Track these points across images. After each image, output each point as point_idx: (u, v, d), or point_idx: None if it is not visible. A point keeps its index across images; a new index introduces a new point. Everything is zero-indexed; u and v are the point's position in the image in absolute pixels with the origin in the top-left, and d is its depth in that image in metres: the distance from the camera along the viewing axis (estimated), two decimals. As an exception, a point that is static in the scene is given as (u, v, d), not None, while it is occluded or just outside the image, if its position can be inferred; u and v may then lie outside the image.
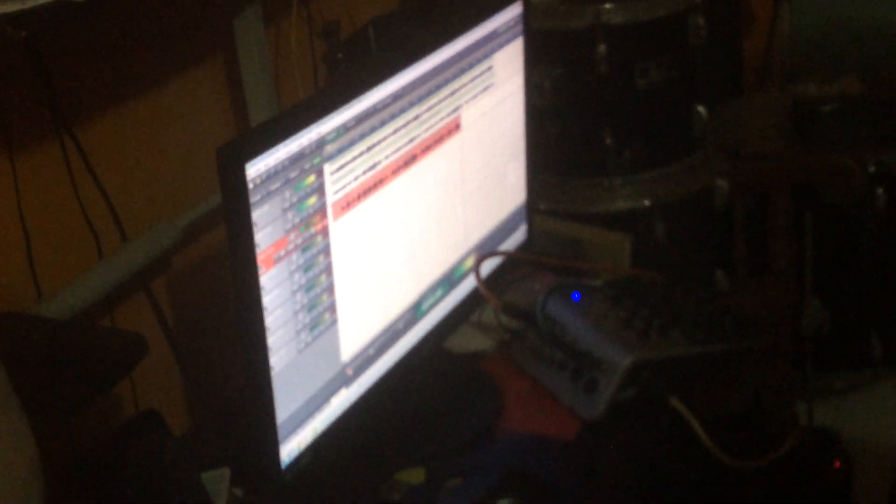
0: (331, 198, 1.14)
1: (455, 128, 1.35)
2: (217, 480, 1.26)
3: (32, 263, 1.33)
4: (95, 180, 1.37)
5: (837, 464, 2.06)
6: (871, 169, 2.15)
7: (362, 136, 1.17)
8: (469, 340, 1.51)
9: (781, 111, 2.41)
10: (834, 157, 2.15)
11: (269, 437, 1.12)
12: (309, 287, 1.13)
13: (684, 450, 1.31)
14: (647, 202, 1.92)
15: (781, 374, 2.12)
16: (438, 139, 1.31)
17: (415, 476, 1.29)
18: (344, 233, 1.17)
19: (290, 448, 1.16)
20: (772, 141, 2.27)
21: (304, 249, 1.11)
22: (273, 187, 1.05)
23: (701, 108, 2.01)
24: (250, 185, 1.02)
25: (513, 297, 1.47)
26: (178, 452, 1.23)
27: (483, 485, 1.24)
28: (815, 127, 2.40)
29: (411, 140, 1.26)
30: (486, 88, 1.40)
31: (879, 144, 2.25)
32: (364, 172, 1.18)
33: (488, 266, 1.46)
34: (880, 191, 2.18)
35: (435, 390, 1.40)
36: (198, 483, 1.24)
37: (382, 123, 1.20)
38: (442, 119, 1.32)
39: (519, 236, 1.54)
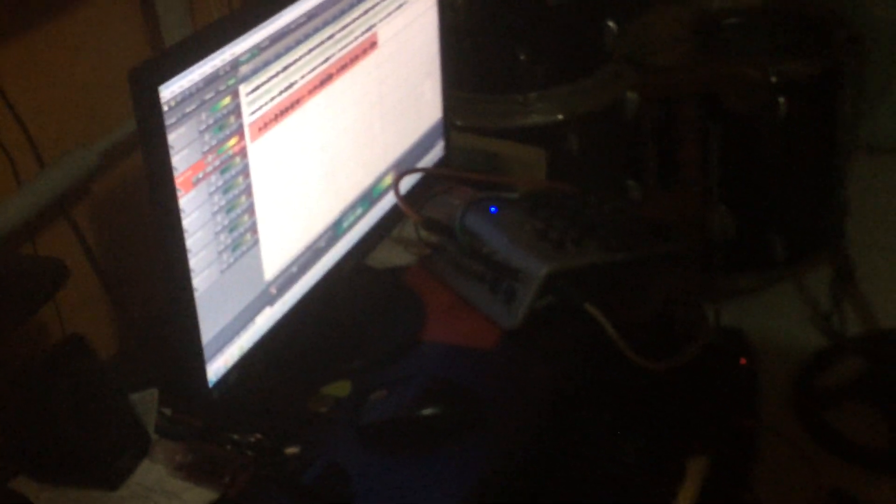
0: (247, 119, 1.11)
1: (371, 46, 1.32)
2: (146, 401, 1.25)
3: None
4: (8, 105, 1.32)
5: (743, 361, 2.11)
6: (773, 79, 2.16)
7: (277, 57, 1.13)
8: (391, 256, 1.50)
9: (687, 24, 2.41)
10: (737, 67, 2.16)
11: (194, 358, 1.10)
12: (229, 208, 1.10)
13: (600, 354, 1.32)
14: (560, 116, 1.92)
15: (690, 277, 2.15)
16: (354, 58, 1.28)
17: (341, 389, 1.29)
18: (262, 153, 1.14)
19: (217, 367, 1.14)
20: (678, 54, 2.26)
21: (223, 171, 1.08)
22: (188, 109, 1.01)
23: (611, 23, 2.00)
24: (165, 108, 0.98)
25: (432, 213, 1.45)
26: (105, 375, 1.21)
27: (407, 395, 1.23)
28: (718, 39, 2.41)
29: (327, 59, 1.22)
30: (400, 6, 1.36)
31: (780, 55, 2.27)
32: (280, 93, 1.15)
33: (407, 183, 1.44)
34: (781, 100, 2.20)
35: (358, 305, 1.40)
36: (126, 404, 1.23)
37: (297, 43, 1.16)
38: (357, 38, 1.28)
39: (437, 153, 1.52)
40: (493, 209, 1.43)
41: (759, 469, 2.15)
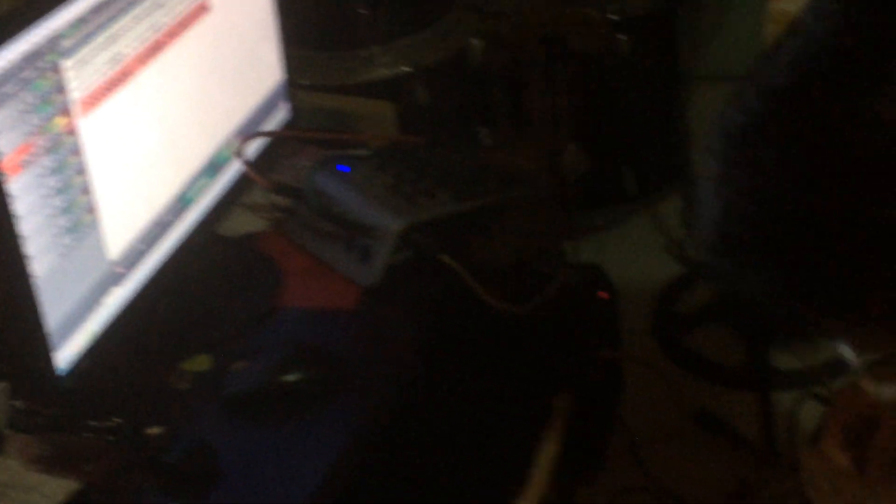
0: (74, 95, 1.05)
1: (202, 10, 1.26)
2: None
3: None
4: None
5: (604, 295, 2.14)
6: (614, 17, 2.18)
7: (101, 28, 1.07)
8: (242, 223, 1.46)
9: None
10: (577, 8, 2.17)
11: (40, 346, 1.05)
12: (63, 189, 1.05)
13: (460, 303, 1.32)
14: (406, 68, 1.89)
15: (547, 218, 2.16)
16: (185, 24, 1.23)
17: (200, 363, 1.25)
18: (95, 130, 1.08)
19: (66, 353, 1.09)
20: (519, -2, 2.26)
21: (52, 151, 1.02)
22: (7, 91, 0.95)
23: (450, -29, 1.98)
24: (-19, 90, 0.93)
25: (281, 176, 1.42)
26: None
27: (268, 363, 1.21)
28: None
29: (155, 27, 1.17)
30: (230, -33, 1.32)
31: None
32: (108, 66, 1.09)
33: (253, 148, 1.40)
34: (623, 38, 2.22)
35: (212, 276, 1.36)
36: None
37: (121, 12, 1.10)
38: (186, 3, 1.23)
39: (282, 115, 1.48)
40: (343, 168, 1.40)
41: (626, 397, 2.20)
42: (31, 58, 0.98)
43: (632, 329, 2.34)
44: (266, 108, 1.44)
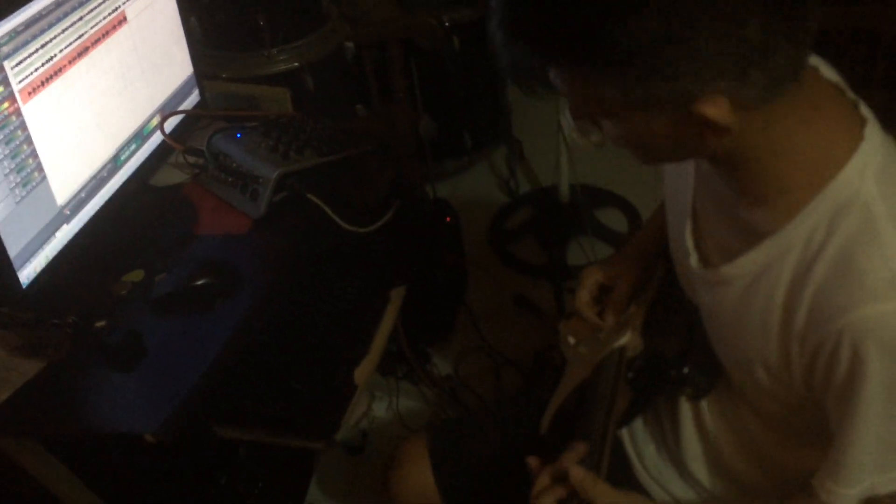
0: (16, 86, 1.01)
1: (120, 22, 1.21)
2: None
3: None
4: None
5: (448, 219, 2.15)
6: (447, 23, 2.15)
7: (34, 37, 1.03)
8: (170, 177, 1.42)
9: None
10: (422, 17, 2.14)
11: (5, 269, 1.03)
12: (13, 155, 1.01)
13: (323, 228, 1.30)
14: (296, 64, 1.85)
15: (411, 166, 2.15)
16: (106, 33, 1.18)
17: (136, 276, 1.22)
18: (36, 111, 1.05)
19: (28, 272, 1.06)
20: (383, 9, 2.22)
21: (1, 127, 0.99)
22: (-43, 84, 0.92)
23: (326, -7, 1.93)
24: (-65, 84, 0.89)
25: (195, 142, 1.39)
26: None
27: (184, 273, 1.19)
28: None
29: (80, 36, 1.12)
30: (143, -9, 1.27)
31: (453, 5, 2.26)
32: (42, 65, 1.05)
33: (173, 122, 1.36)
34: (455, 39, 2.20)
35: (146, 214, 1.32)
36: None
37: (50, 26, 1.05)
38: (106, 17, 1.17)
39: (194, 98, 1.44)
40: (238, 135, 1.37)
41: (469, 287, 2.23)
42: (-24, 59, 0.94)
43: (473, 241, 2.38)
44: (181, 94, 1.39)
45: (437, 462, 1.18)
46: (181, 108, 1.39)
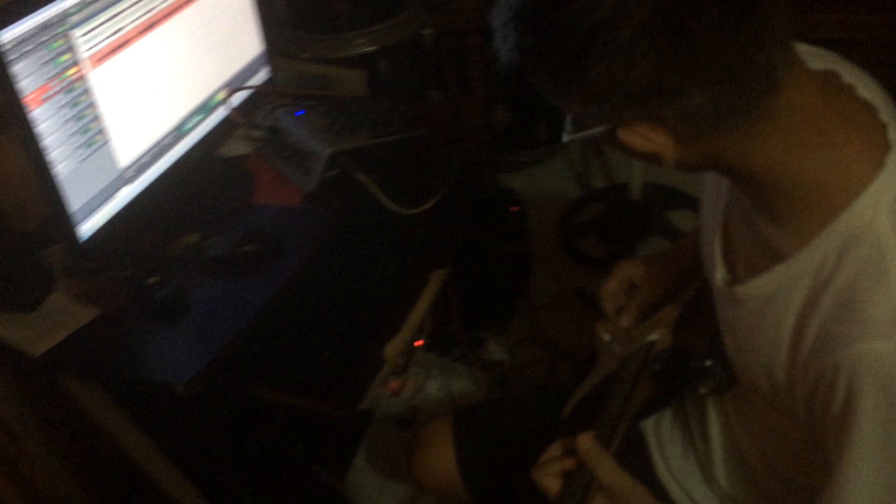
0: (83, 54, 1.07)
1: None
2: (54, 255, 1.23)
3: None
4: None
5: (514, 209, 2.14)
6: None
7: (104, 9, 1.08)
8: (236, 148, 1.47)
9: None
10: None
11: (65, 222, 1.09)
12: (78, 117, 1.08)
13: (369, 206, 1.32)
14: (374, 47, 1.88)
15: (480, 155, 2.15)
16: (177, 8, 1.23)
17: (191, 238, 1.27)
18: (102, 78, 1.10)
19: (88, 227, 1.12)
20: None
21: (68, 91, 1.05)
22: (27, 49, 0.98)
23: (409, -20, 1.95)
24: (7, 47, 0.95)
25: (260, 117, 1.43)
26: (17, 240, 1.20)
27: (233, 239, 1.24)
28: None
29: (150, 10, 1.17)
30: (218, -29, 1.31)
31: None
32: (110, 35, 1.11)
33: (240, 97, 1.41)
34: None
35: (207, 182, 1.37)
36: (33, 258, 1.21)
37: None
38: None
39: (263, 75, 1.49)
40: (299, 112, 1.41)
41: (532, 277, 2.22)
42: (46, 27, 1.00)
43: (542, 233, 2.36)
44: (249, 71, 1.44)
45: (460, 445, 1.19)
46: (249, 84, 1.43)
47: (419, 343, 2.07)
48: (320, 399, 1.11)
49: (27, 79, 0.99)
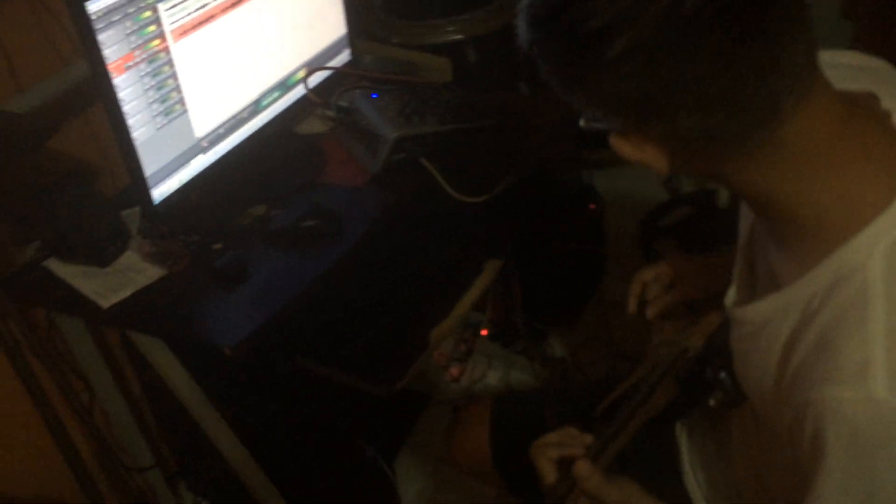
0: (168, 27, 1.13)
1: None
2: (132, 216, 1.31)
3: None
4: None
5: (592, 206, 2.12)
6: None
7: (191, -15, 1.14)
8: (313, 126, 1.51)
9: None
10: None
11: (140, 184, 1.16)
12: (158, 87, 1.14)
13: (432, 192, 1.34)
14: (462, 36, 1.88)
15: (564, 149, 2.12)
16: (263, -12, 1.28)
17: (259, 210, 1.32)
18: (185, 51, 1.16)
19: (161, 190, 1.19)
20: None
21: (150, 62, 1.11)
22: (114, 19, 1.04)
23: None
24: (93, 17, 1.01)
25: (338, 98, 1.46)
26: (100, 197, 1.27)
27: (297, 213, 1.27)
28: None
29: (236, -12, 1.22)
30: (307, -47, 1.35)
31: None
32: (195, 10, 1.16)
33: (318, 77, 1.44)
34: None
35: (279, 156, 1.41)
36: (115, 215, 1.28)
37: None
38: None
39: (344, 57, 1.52)
40: (374, 95, 1.43)
41: (606, 277, 2.18)
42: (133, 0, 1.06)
43: (622, 233, 2.31)
44: (331, 52, 1.47)
45: (495, 429, 1.21)
46: (328, 65, 1.47)
47: (484, 332, 2.08)
48: (360, 376, 1.14)
49: (112, 47, 1.05)
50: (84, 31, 1.01)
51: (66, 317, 1.32)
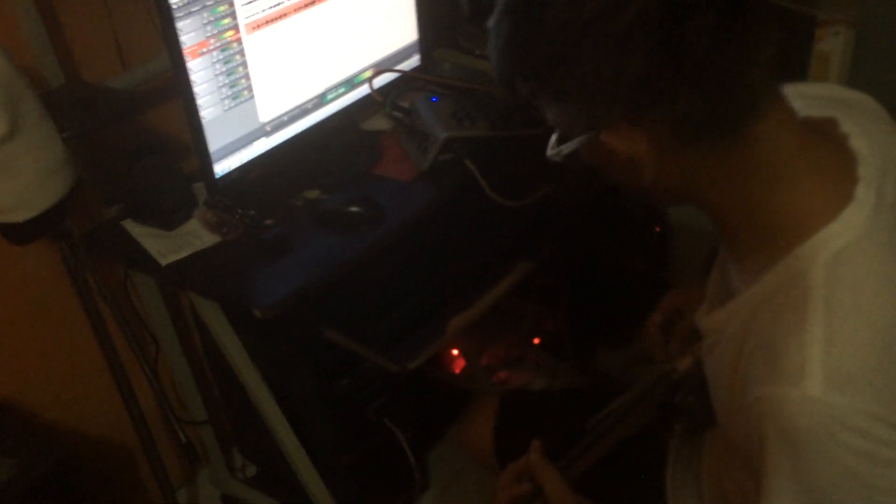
0: (242, 21, 1.25)
1: None
2: (201, 189, 1.44)
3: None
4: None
5: (657, 229, 2.12)
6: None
7: (266, -15, 1.27)
8: (378, 124, 1.61)
9: None
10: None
11: (205, 159, 1.28)
12: (228, 73, 1.26)
13: (474, 192, 1.41)
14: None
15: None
16: (336, -8, 1.38)
17: (312, 194, 1.43)
18: (256, 43, 1.28)
19: (223, 166, 1.31)
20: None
21: (223, 50, 1.24)
22: (193, 9, 1.17)
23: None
24: (174, 6, 1.15)
25: (399, 100, 1.55)
26: (176, 168, 1.41)
27: (344, 199, 1.38)
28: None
29: (310, -9, 1.34)
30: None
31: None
32: (269, 7, 1.28)
33: (384, 78, 1.54)
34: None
35: (339, 147, 1.51)
36: (186, 185, 1.42)
37: None
38: None
39: (414, 62, 1.61)
40: (433, 99, 1.52)
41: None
42: (213, -6, 1.20)
43: (689, 259, 2.29)
44: (400, 56, 1.56)
45: (499, 424, 1.26)
46: (396, 67, 1.56)
47: (537, 341, 2.12)
48: (377, 351, 1.22)
49: (189, 34, 1.18)
50: (165, 19, 1.15)
51: (141, 275, 1.48)
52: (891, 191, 0.71)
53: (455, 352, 2.09)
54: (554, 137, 0.77)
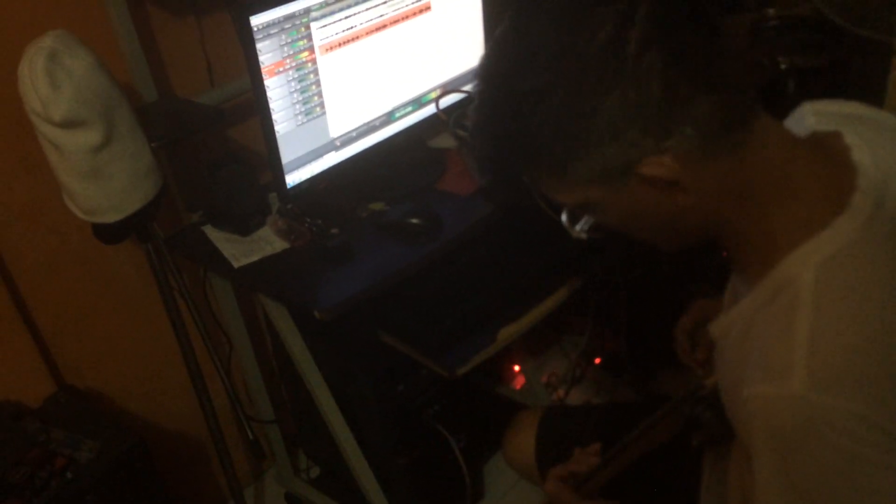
0: (317, 42, 1.34)
1: (424, 9, 1.48)
2: (274, 198, 1.53)
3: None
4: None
5: (725, 254, 2.09)
6: (783, 66, 2.07)
7: (341, 10, 1.35)
8: (445, 142, 1.69)
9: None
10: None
11: (278, 170, 1.37)
12: (302, 90, 1.36)
13: (530, 208, 1.43)
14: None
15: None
16: (407, 16, 1.46)
17: (378, 206, 1.51)
18: (329, 64, 1.37)
19: (294, 177, 1.40)
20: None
21: (298, 69, 1.34)
22: (272, 31, 1.28)
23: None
24: (255, 29, 1.25)
25: (462, 118, 1.61)
26: (251, 179, 1.52)
27: (405, 211, 1.44)
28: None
29: (381, 15, 1.41)
30: (453, -14, 1.48)
31: (801, 49, 2.14)
32: (343, 31, 1.37)
33: (450, 99, 1.60)
34: (791, 83, 2.10)
35: (405, 162, 1.59)
36: (261, 193, 1.52)
37: (357, 3, 1.37)
38: (411, 4, 1.45)
39: (479, 83, 1.67)
40: (496, 118, 1.58)
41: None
42: (291, 17, 1.29)
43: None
44: (468, 77, 1.63)
45: (540, 436, 1.30)
46: (462, 88, 1.64)
47: (597, 361, 2.14)
48: (427, 354, 1.29)
49: (267, 54, 1.29)
50: (245, 40, 1.25)
51: (217, 277, 1.59)
52: (892, 201, 0.73)
53: (516, 368, 2.13)
54: (565, 217, 0.81)
